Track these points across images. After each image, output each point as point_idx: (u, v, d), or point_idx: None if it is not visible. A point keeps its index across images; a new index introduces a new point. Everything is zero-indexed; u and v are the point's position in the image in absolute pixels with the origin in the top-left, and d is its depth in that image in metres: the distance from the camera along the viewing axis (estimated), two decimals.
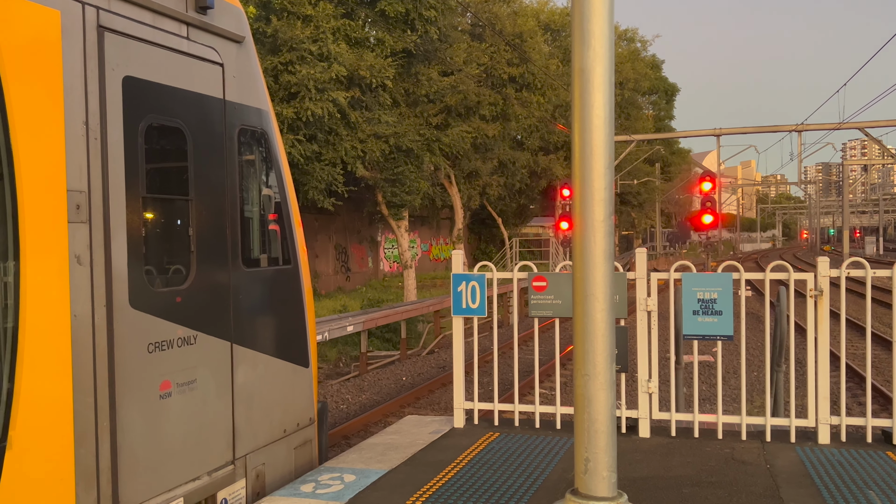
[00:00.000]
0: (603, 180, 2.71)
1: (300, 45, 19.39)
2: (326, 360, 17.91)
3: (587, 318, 2.78)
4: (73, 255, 4.01)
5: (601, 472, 2.82)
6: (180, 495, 4.69)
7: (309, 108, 19.46)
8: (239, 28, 5.49)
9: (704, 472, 5.51)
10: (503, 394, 12.84)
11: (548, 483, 5.36)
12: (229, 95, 5.34)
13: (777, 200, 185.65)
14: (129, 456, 4.32)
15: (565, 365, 16.67)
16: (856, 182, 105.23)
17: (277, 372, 5.77)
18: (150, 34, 4.59)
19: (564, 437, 6.57)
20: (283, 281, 5.97)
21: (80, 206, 4.06)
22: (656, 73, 62.76)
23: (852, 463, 5.66)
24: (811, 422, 6.20)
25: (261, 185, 5.89)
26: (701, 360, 16.54)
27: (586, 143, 2.73)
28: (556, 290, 6.49)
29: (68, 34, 4.02)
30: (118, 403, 4.27)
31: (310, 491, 5.28)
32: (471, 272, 6.80)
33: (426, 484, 5.39)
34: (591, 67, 2.68)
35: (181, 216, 4.89)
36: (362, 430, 11.58)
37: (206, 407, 4.97)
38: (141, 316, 4.43)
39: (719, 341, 6.20)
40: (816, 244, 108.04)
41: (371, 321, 17.06)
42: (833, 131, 33.71)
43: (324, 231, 34.58)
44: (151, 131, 4.60)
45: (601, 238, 2.74)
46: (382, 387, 15.10)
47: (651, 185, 58.93)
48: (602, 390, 2.80)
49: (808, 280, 6.15)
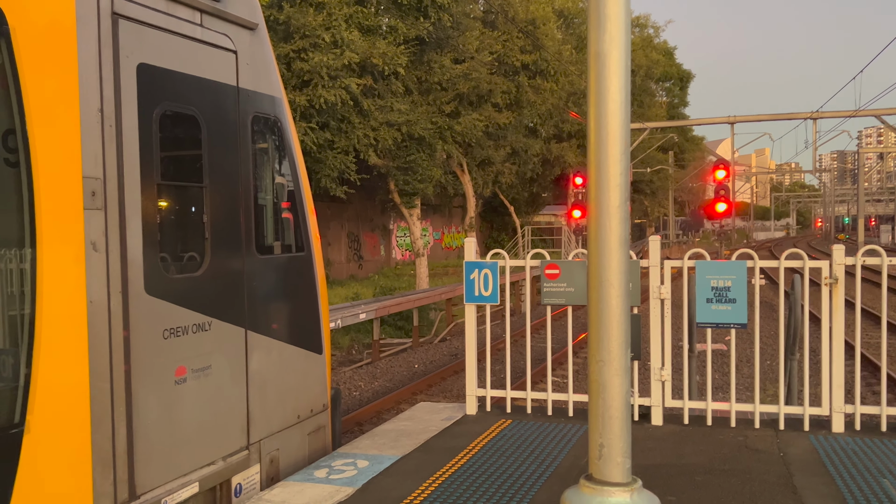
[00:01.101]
0: (619, 166, 2.71)
1: (313, 32, 19.36)
2: (339, 348, 17.99)
3: (602, 304, 2.78)
4: (89, 241, 4.03)
5: (616, 457, 2.83)
6: (195, 480, 4.74)
7: (322, 95, 19.44)
8: (252, 15, 5.49)
9: (717, 460, 5.51)
10: (515, 381, 12.86)
11: (560, 469, 5.37)
12: (243, 83, 5.34)
13: (791, 189, 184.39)
14: (144, 441, 4.36)
15: (577, 353, 16.66)
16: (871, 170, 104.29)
17: (291, 358, 5.80)
18: (164, 21, 4.59)
19: (577, 424, 6.57)
20: (296, 268, 5.98)
21: (96, 193, 4.08)
22: (669, 60, 62.33)
23: (866, 451, 5.64)
24: (825, 410, 6.18)
25: (274, 172, 5.90)
26: (714, 349, 16.51)
27: (602, 129, 2.72)
28: (569, 277, 6.48)
29: (83, 21, 4.03)
30: (134, 389, 4.30)
31: (323, 476, 5.32)
32: (483, 260, 6.80)
33: (439, 470, 5.41)
34: (607, 52, 2.67)
35: (195, 203, 4.91)
36: (375, 417, 11.64)
37: (221, 393, 5.00)
38: (156, 302, 4.46)
39: (733, 329, 6.18)
40: (831, 233, 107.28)
41: (383, 309, 17.11)
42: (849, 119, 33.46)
43: (336, 219, 34.64)
44: (166, 118, 4.61)
45: (617, 224, 2.74)
46: (395, 374, 15.16)
47: (664, 173, 58.59)
48: (617, 376, 2.80)
49: (822, 268, 6.12)
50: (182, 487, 4.63)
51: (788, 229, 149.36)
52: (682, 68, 65.23)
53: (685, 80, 65.87)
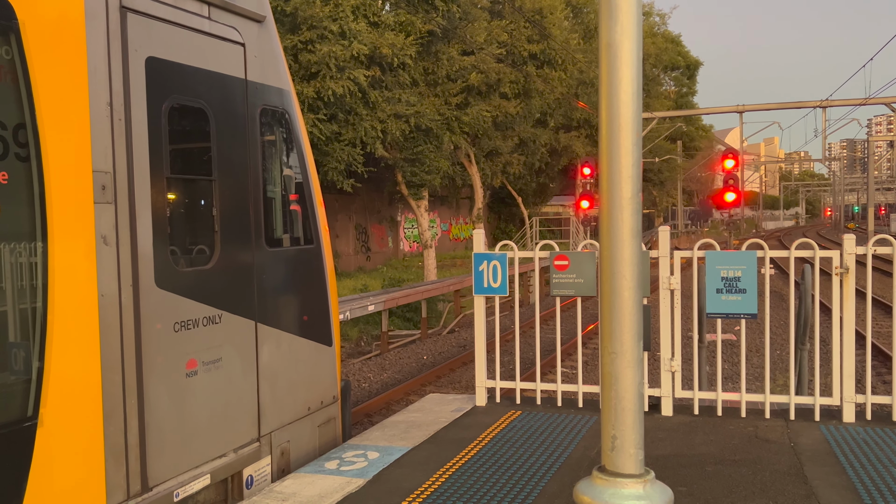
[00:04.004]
0: (630, 157, 2.69)
1: (320, 23, 19.33)
2: (348, 339, 18.03)
3: (615, 295, 2.77)
4: (100, 235, 4.05)
5: (628, 449, 2.82)
6: (207, 472, 4.76)
7: (329, 87, 19.41)
8: (260, 7, 5.48)
9: (728, 451, 5.50)
10: (524, 372, 12.86)
11: (570, 461, 5.37)
12: (251, 75, 5.34)
13: (800, 178, 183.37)
14: (156, 433, 4.38)
15: (586, 343, 16.66)
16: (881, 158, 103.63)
17: (301, 350, 5.81)
18: (172, 14, 4.59)
19: (587, 415, 6.57)
20: (305, 260, 5.99)
21: (106, 187, 4.09)
22: (677, 48, 61.93)
23: (878, 441, 5.62)
24: (836, 400, 6.16)
25: (283, 165, 5.90)
26: (724, 339, 16.47)
27: (614, 119, 2.70)
28: (578, 268, 6.47)
29: (92, 15, 4.03)
30: (145, 382, 4.32)
31: (334, 468, 5.34)
32: (492, 251, 6.79)
33: (449, 461, 5.42)
34: (619, 42, 2.66)
35: (205, 196, 4.92)
36: (384, 409, 11.67)
37: (232, 385, 5.02)
38: (167, 295, 4.48)
39: (743, 320, 6.16)
40: (840, 222, 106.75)
41: (392, 300, 17.12)
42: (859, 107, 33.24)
43: (344, 211, 34.66)
44: (174, 112, 4.62)
45: (629, 215, 2.73)
46: (404, 365, 15.18)
47: (673, 162, 58.33)
48: (629, 367, 2.79)
49: (833, 258, 6.09)
50: (194, 479, 4.65)
51: (798, 219, 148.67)
52: (691, 56, 64.77)
53: (693, 68, 65.45)
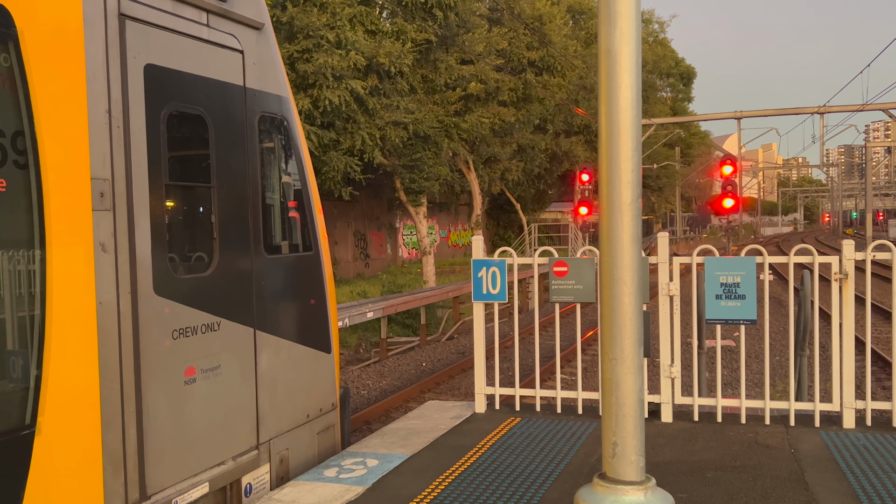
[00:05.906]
0: (630, 162, 2.69)
1: (317, 32, 19.34)
2: (347, 346, 18.00)
3: (615, 301, 2.77)
4: (98, 242, 4.04)
5: (629, 455, 2.81)
6: (205, 480, 4.74)
7: (326, 96, 19.41)
8: (258, 15, 5.49)
9: (728, 457, 5.48)
10: (524, 379, 12.84)
11: (570, 467, 5.35)
12: (249, 82, 5.34)
13: (799, 184, 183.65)
14: (155, 441, 4.37)
15: (586, 350, 16.64)
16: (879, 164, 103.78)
17: (300, 358, 5.80)
18: (171, 22, 4.59)
19: (586, 421, 6.56)
20: (304, 267, 5.98)
21: (104, 194, 4.09)
22: (674, 56, 62.06)
23: (878, 447, 5.61)
24: (836, 406, 6.15)
25: (281, 172, 5.90)
26: (723, 345, 16.46)
27: (613, 125, 2.70)
28: (578, 275, 6.46)
29: (90, 22, 4.03)
30: (144, 389, 4.31)
31: (333, 475, 5.32)
32: (491, 258, 6.79)
33: (449, 468, 5.40)
34: (618, 48, 2.66)
35: (203, 203, 4.91)
36: (384, 416, 11.64)
37: (231, 392, 5.00)
38: (165, 303, 4.46)
39: (742, 326, 6.16)
40: (839, 227, 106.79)
41: (391, 307, 17.11)
42: (856, 113, 33.29)
43: (343, 218, 34.64)
44: (173, 119, 4.61)
45: (629, 221, 2.72)
46: (403, 372, 15.15)
47: (671, 168, 58.40)
48: (630, 374, 2.78)
49: (832, 263, 6.09)
50: (192, 487, 4.63)
51: (796, 224, 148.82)
52: (686, 64, 64.92)
53: (689, 76, 65.58)
